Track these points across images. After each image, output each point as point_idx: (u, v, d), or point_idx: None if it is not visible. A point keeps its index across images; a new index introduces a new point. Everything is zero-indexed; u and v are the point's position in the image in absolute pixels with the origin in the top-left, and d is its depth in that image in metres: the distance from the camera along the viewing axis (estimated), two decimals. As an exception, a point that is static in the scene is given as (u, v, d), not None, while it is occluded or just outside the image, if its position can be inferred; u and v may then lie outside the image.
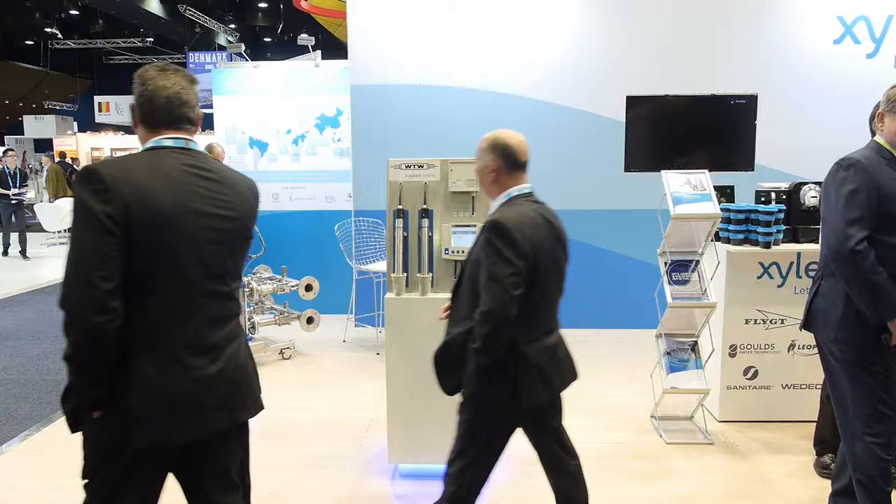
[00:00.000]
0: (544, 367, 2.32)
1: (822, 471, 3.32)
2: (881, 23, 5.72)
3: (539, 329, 2.32)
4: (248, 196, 1.93)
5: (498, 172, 2.35)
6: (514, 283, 2.13)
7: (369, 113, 5.87)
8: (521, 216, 2.23)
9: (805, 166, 5.57)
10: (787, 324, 3.91)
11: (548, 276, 2.28)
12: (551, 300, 2.38)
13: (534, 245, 2.20)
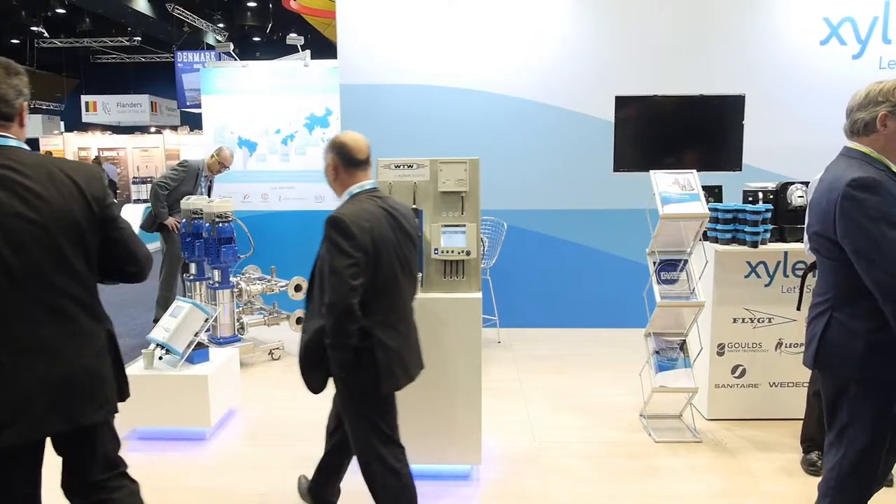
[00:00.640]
0: (401, 354, 2.45)
1: (809, 468, 3.35)
2: (866, 24, 5.78)
3: (392, 317, 2.44)
4: (69, 189, 1.87)
5: (337, 170, 2.49)
6: (353, 273, 2.25)
7: (359, 113, 5.86)
8: (360, 210, 2.37)
9: (792, 166, 5.61)
10: (774, 322, 3.94)
11: (392, 267, 2.40)
12: (402, 290, 2.48)
13: (373, 237, 2.33)
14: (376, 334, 2.37)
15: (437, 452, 3.25)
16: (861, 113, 2.17)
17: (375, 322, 2.37)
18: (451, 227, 3.20)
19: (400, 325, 2.47)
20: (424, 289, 3.19)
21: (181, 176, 5.78)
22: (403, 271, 2.46)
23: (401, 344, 2.45)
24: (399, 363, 2.45)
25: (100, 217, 1.94)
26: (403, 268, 2.46)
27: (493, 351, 5.43)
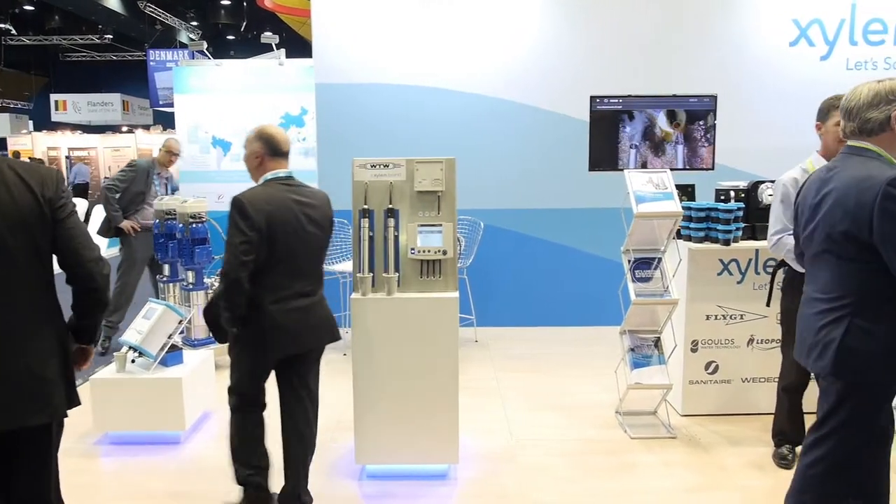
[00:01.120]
0: (289, 325, 2.72)
1: (780, 461, 3.41)
2: (834, 26, 5.90)
3: (285, 292, 2.71)
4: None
5: (262, 158, 2.82)
6: (245, 250, 2.57)
7: (334, 112, 5.84)
8: (263, 194, 2.71)
9: (763, 165, 5.72)
10: (745, 319, 4.01)
11: (288, 247, 2.69)
12: (301, 269, 2.77)
13: (268, 219, 2.63)
14: (265, 305, 2.67)
15: (414, 452, 3.25)
16: (873, 112, 2.17)
17: (266, 294, 2.67)
18: (428, 227, 3.20)
19: (293, 300, 2.74)
20: (401, 288, 3.19)
21: (130, 176, 5.55)
22: (302, 253, 2.75)
23: (292, 317, 2.73)
24: (285, 333, 2.72)
25: (50, 218, 1.97)
26: (303, 250, 2.75)
27: (471, 350, 5.44)
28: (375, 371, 3.18)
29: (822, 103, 3.28)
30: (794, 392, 3.39)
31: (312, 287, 2.84)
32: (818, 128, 3.30)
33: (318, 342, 2.91)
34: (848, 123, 2.25)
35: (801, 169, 3.31)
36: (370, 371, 3.18)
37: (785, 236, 3.24)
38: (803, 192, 2.41)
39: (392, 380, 3.18)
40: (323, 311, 2.91)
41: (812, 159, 3.32)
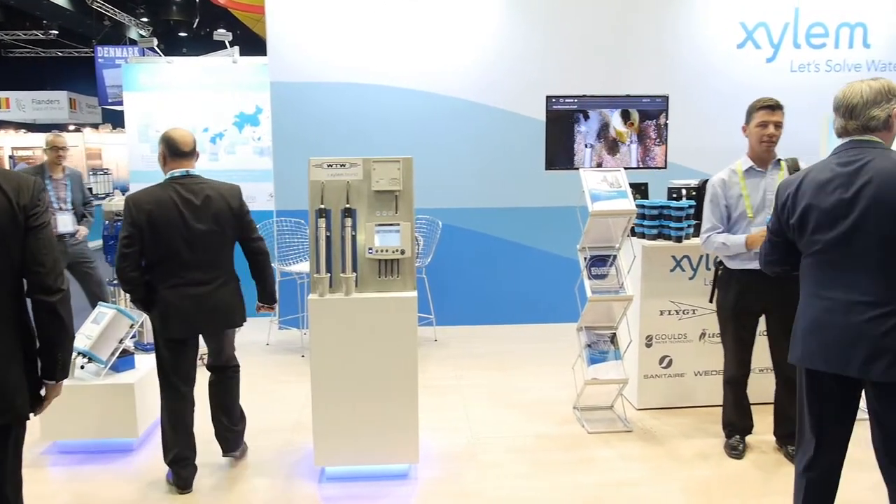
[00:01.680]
0: (182, 310, 3.05)
1: (731, 452, 3.51)
2: (779, 29, 6.09)
3: (177, 280, 3.04)
4: None
5: (164, 158, 3.12)
6: (126, 244, 2.98)
7: (290, 111, 5.77)
8: (147, 194, 3.04)
9: (713, 164, 5.81)
10: (698, 314, 4.11)
11: (172, 241, 3.00)
12: (190, 260, 3.05)
13: (149, 216, 2.97)
14: (161, 291, 3.05)
15: (374, 452, 3.24)
16: (876, 110, 2.22)
17: (159, 281, 3.05)
18: (386, 227, 3.19)
19: (187, 288, 3.06)
20: (359, 288, 3.18)
21: None
22: (188, 247, 3.03)
23: (185, 303, 3.05)
24: (178, 316, 3.05)
25: (23, 226, 1.98)
26: (188, 244, 3.03)
27: (430, 349, 5.44)
28: (334, 372, 3.15)
29: (748, 107, 3.39)
30: (736, 385, 3.50)
31: (209, 276, 3.11)
32: (744, 130, 3.41)
33: (211, 326, 3.20)
34: (850, 122, 2.26)
35: (730, 170, 3.43)
36: (329, 372, 3.16)
37: (713, 234, 3.38)
38: (811, 191, 2.25)
39: (351, 380, 3.16)
40: (221, 298, 3.15)
41: (741, 161, 3.44)
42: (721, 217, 3.40)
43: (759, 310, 3.42)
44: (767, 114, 3.30)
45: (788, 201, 2.32)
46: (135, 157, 6.58)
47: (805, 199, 2.26)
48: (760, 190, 3.36)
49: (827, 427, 2.36)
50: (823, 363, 2.26)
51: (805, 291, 2.35)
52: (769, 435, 3.61)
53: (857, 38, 6.16)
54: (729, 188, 3.39)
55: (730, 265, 3.41)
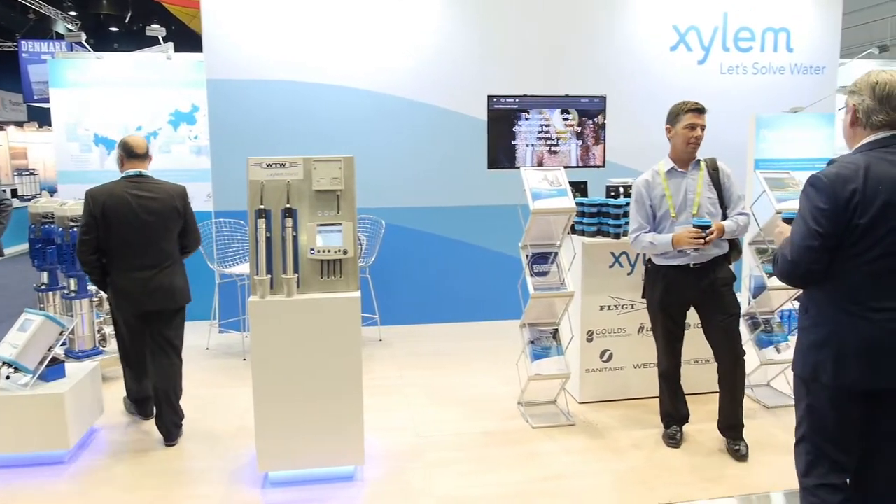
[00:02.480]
0: (129, 291, 3.56)
1: (669, 441, 3.62)
2: (709, 32, 6.32)
3: (126, 265, 3.55)
4: None
5: (122, 160, 3.67)
6: (84, 231, 3.52)
7: (228, 109, 5.63)
8: (105, 188, 3.55)
9: (649, 162, 6.02)
10: (636, 308, 4.23)
11: (123, 230, 3.51)
12: (138, 248, 3.55)
13: (103, 208, 3.48)
14: (113, 274, 3.57)
15: (319, 455, 3.20)
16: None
17: (113, 266, 3.57)
18: (327, 227, 3.16)
19: (134, 272, 3.55)
20: (301, 290, 3.13)
21: None
22: (137, 236, 3.52)
23: (132, 285, 3.55)
24: (127, 298, 3.58)
25: None
26: (137, 233, 3.52)
27: (375, 349, 5.42)
28: (276, 375, 3.10)
29: (671, 108, 3.46)
30: (670, 377, 3.62)
31: (154, 262, 3.58)
32: (668, 131, 3.47)
33: (157, 305, 3.61)
34: (892, 114, 2.04)
35: (653, 171, 3.53)
36: (271, 375, 3.10)
37: (641, 234, 3.47)
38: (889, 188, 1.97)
39: (294, 383, 3.12)
40: (166, 281, 3.62)
41: (663, 162, 3.54)
42: (647, 216, 3.49)
43: (687, 303, 3.52)
44: (695, 116, 3.38)
45: (856, 198, 1.97)
46: (63, 156, 6.30)
47: (882, 196, 1.96)
48: (682, 190, 3.45)
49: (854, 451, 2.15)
50: (887, 380, 2.04)
51: (841, 307, 2.06)
52: (704, 423, 3.75)
53: (781, 42, 6.45)
54: (652, 188, 3.48)
55: (657, 261, 3.51)
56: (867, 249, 2.00)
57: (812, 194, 2.05)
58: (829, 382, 2.07)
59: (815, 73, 6.52)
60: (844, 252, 2.02)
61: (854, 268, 2.02)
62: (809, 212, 2.05)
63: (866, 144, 2.08)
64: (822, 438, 2.14)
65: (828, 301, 2.09)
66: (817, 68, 6.52)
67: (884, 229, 1.97)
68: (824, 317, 2.10)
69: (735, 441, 3.48)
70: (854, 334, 2.03)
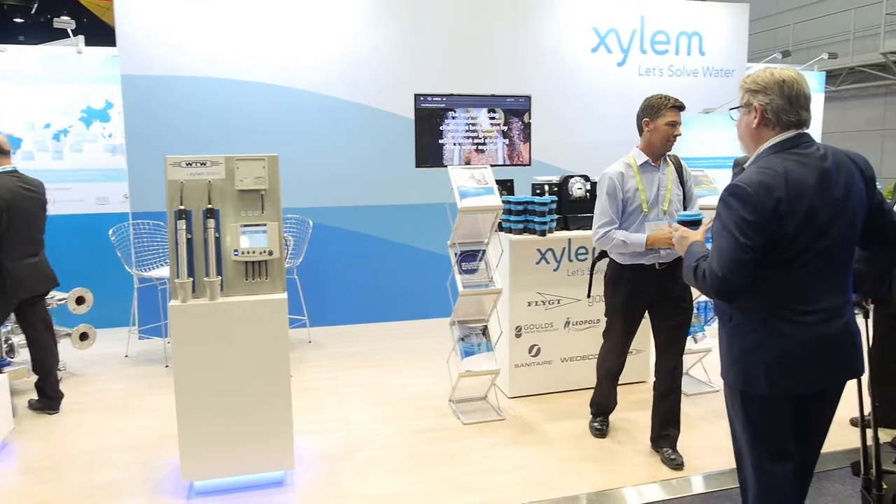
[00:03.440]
0: (24, 277, 3.93)
1: (595, 431, 3.73)
2: (627, 35, 6.55)
3: (18, 252, 3.90)
4: None
5: None
6: None
7: (144, 106, 5.40)
8: (1, 184, 3.85)
9: (571, 160, 6.23)
10: (562, 303, 4.34)
11: (20, 222, 3.87)
12: (28, 237, 3.96)
13: (8, 201, 3.79)
14: (6, 263, 3.84)
15: (247, 462, 3.13)
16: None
17: (7, 256, 3.85)
18: (252, 227, 3.08)
19: (24, 259, 3.93)
20: (225, 292, 3.05)
21: None
22: (29, 226, 3.94)
23: (28, 273, 3.95)
24: (21, 285, 3.92)
25: None
26: (29, 223, 3.94)
27: (305, 351, 5.33)
28: (200, 381, 3.01)
29: (650, 100, 3.26)
30: (615, 376, 3.63)
31: (37, 249, 4.04)
32: (646, 123, 3.27)
33: (44, 288, 4.08)
34: (805, 113, 2.04)
35: (624, 164, 3.34)
36: (194, 382, 3.01)
37: (612, 230, 3.26)
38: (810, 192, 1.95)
39: (219, 389, 3.03)
40: (45, 266, 4.10)
41: (634, 155, 3.36)
42: (617, 211, 3.29)
43: (649, 303, 3.40)
44: (676, 113, 3.23)
45: (781, 207, 1.92)
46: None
47: (805, 200, 1.94)
48: (654, 185, 3.32)
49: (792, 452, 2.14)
50: (822, 379, 2.07)
51: (772, 313, 2.02)
52: (628, 412, 3.90)
53: (695, 45, 6.76)
54: (626, 181, 3.29)
55: (621, 261, 3.36)
56: (795, 255, 1.96)
57: (736, 205, 1.95)
58: (764, 392, 2.03)
59: (725, 75, 6.86)
60: (772, 259, 1.96)
61: (783, 274, 1.98)
62: (735, 224, 1.93)
63: (776, 146, 2.03)
64: (763, 444, 2.12)
65: (755, 308, 2.03)
66: (727, 71, 6.87)
67: (809, 234, 1.95)
68: (752, 324, 2.05)
69: (674, 450, 3.42)
70: (787, 339, 1.99)
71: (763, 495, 2.15)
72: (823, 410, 2.15)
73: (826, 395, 2.12)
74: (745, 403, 2.10)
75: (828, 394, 2.12)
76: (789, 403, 2.08)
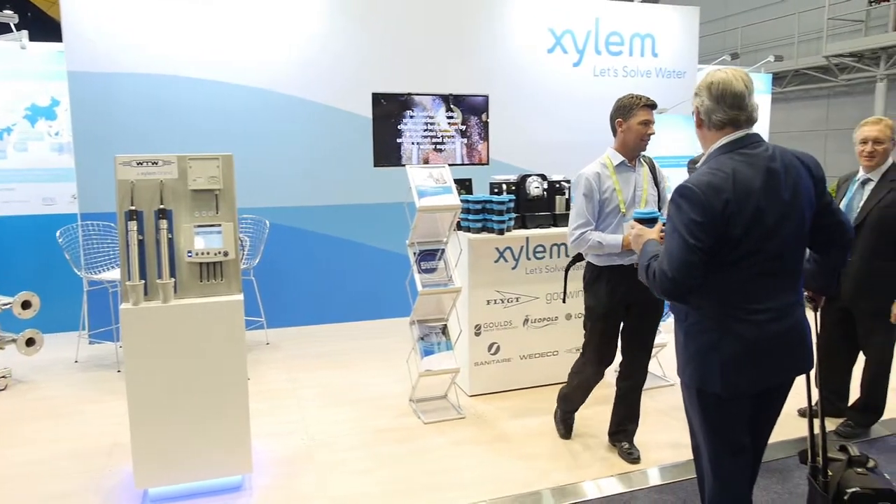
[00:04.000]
0: None
1: (564, 430, 3.70)
2: (583, 36, 6.64)
3: None
4: None
5: None
6: None
7: (92, 104, 5.24)
8: None
9: (529, 160, 6.28)
10: (521, 301, 4.37)
11: None
12: None
13: None
14: None
15: (203, 467, 3.06)
16: (754, 101, 2.11)
17: None
18: (206, 228, 3.02)
19: None
20: (179, 295, 2.98)
21: None
22: None
23: None
24: None
25: None
26: None
27: (262, 353, 5.26)
28: (153, 386, 2.93)
29: (622, 100, 3.24)
30: (592, 385, 3.50)
31: None
32: (619, 124, 3.24)
33: None
34: (741, 112, 2.08)
35: (600, 164, 3.28)
36: (147, 386, 2.93)
37: (588, 232, 3.20)
38: (758, 193, 2.00)
39: (173, 393, 2.97)
40: None
41: (609, 155, 3.30)
42: (594, 212, 3.23)
43: (626, 305, 3.31)
44: (649, 112, 3.22)
45: (729, 208, 1.96)
46: None
47: (752, 202, 1.98)
48: (631, 185, 3.27)
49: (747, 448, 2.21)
50: (772, 377, 2.12)
51: (724, 311, 2.06)
52: (587, 408, 3.94)
53: (647, 47, 6.89)
54: (603, 182, 3.23)
55: (598, 262, 3.29)
56: (744, 256, 2.00)
57: (685, 207, 1.98)
58: (719, 391, 2.07)
59: (677, 77, 7.02)
60: (721, 259, 2.00)
61: (732, 274, 2.02)
62: (685, 225, 1.97)
63: (724, 146, 2.08)
64: (720, 440, 2.17)
65: (709, 307, 2.07)
66: (679, 72, 7.03)
67: (757, 234, 1.99)
68: (707, 323, 2.09)
69: (631, 444, 3.46)
70: (739, 339, 2.04)
71: (720, 488, 2.21)
72: (773, 404, 2.22)
73: (776, 391, 2.19)
74: (702, 401, 2.15)
75: (778, 389, 2.19)
76: (745, 401, 2.13)
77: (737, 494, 2.20)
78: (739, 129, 2.09)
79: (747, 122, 2.09)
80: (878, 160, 3.56)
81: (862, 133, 3.59)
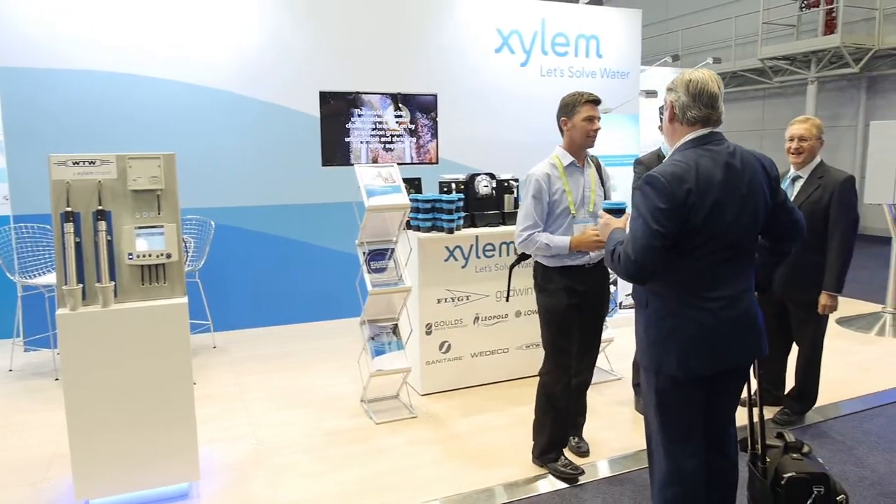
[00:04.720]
0: None
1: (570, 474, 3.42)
2: (530, 37, 6.72)
3: None
4: None
5: None
6: None
7: (25, 101, 5.03)
8: None
9: (478, 159, 6.33)
10: (471, 300, 4.40)
11: None
12: None
13: None
14: None
15: (147, 476, 2.98)
16: (722, 104, 2.23)
17: None
18: (147, 229, 2.94)
19: None
20: (119, 299, 2.89)
21: None
22: None
23: None
24: None
25: None
26: None
27: (209, 357, 5.13)
28: (93, 393, 2.83)
29: (565, 99, 3.22)
30: (554, 396, 3.35)
31: None
32: (564, 123, 3.21)
33: None
34: (712, 112, 2.19)
35: (549, 165, 3.23)
36: (87, 394, 2.83)
37: (535, 233, 3.17)
38: (717, 186, 2.12)
39: (114, 401, 2.87)
40: None
41: (558, 155, 3.26)
42: (542, 214, 3.19)
43: (578, 304, 3.25)
44: (592, 108, 3.18)
45: (691, 198, 2.08)
46: None
47: (712, 194, 2.10)
48: (580, 186, 3.24)
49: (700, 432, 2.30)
50: (726, 361, 2.23)
51: (682, 299, 2.18)
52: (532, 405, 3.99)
53: (592, 48, 7.03)
54: (552, 183, 3.19)
55: (549, 263, 3.23)
56: (702, 244, 2.12)
57: (651, 194, 2.10)
58: (675, 373, 2.19)
59: (620, 77, 7.17)
60: (681, 247, 2.11)
61: (690, 262, 2.14)
62: (650, 212, 2.09)
63: (690, 141, 2.19)
64: (673, 426, 2.26)
65: (669, 294, 2.19)
66: (623, 73, 7.19)
67: (715, 225, 2.11)
68: (667, 309, 2.21)
69: (580, 438, 3.51)
70: (694, 324, 2.16)
71: (671, 481, 2.29)
72: (729, 387, 2.33)
73: (730, 374, 2.29)
74: (658, 384, 2.26)
75: (733, 372, 2.29)
76: (700, 385, 2.23)
77: (688, 478, 2.28)
78: (708, 126, 2.22)
79: (716, 122, 2.23)
80: (805, 157, 3.73)
81: (789, 131, 3.80)
